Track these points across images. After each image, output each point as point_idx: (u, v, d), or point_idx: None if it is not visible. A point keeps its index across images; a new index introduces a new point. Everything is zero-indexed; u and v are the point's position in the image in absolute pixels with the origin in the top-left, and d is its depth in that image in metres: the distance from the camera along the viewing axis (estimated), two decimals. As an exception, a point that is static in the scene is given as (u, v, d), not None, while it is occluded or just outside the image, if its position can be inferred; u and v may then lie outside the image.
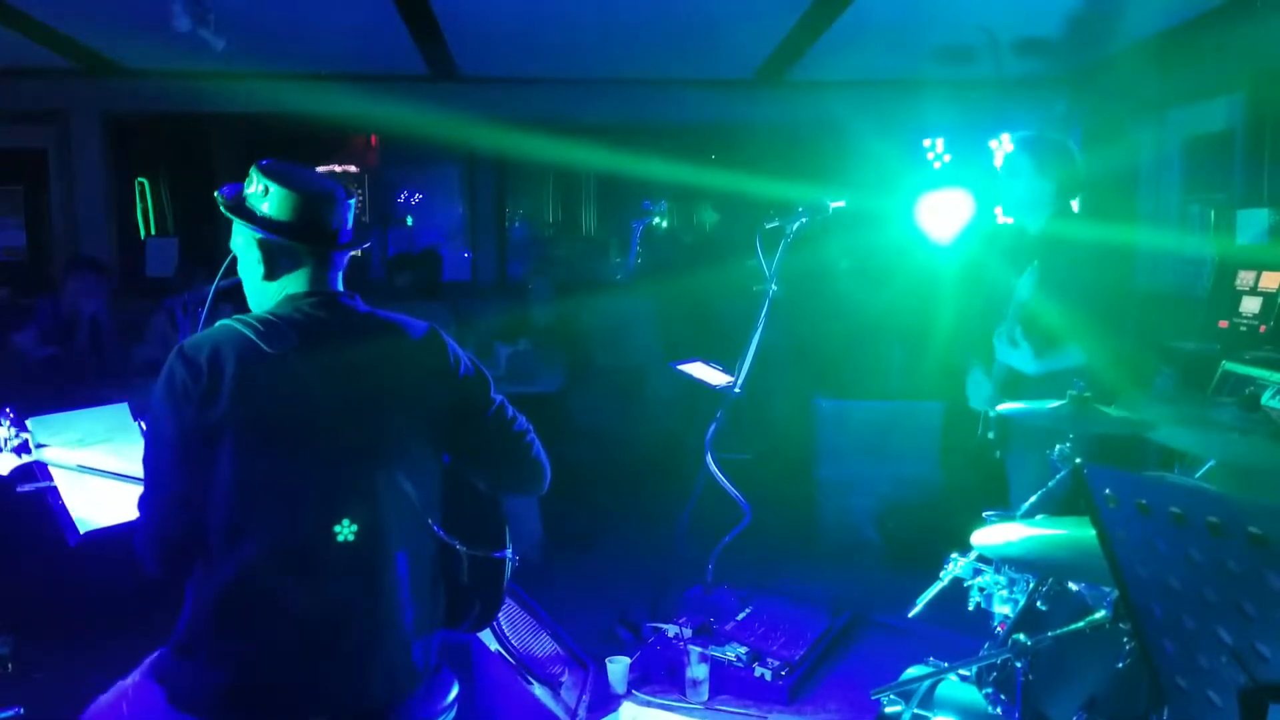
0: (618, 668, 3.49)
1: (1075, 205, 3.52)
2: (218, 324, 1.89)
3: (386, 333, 2.01)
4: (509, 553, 2.17)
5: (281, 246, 1.95)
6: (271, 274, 1.97)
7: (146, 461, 1.87)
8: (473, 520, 2.13)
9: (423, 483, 1.99)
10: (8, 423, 2.17)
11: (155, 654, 1.98)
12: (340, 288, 2.02)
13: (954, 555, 2.57)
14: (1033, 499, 2.64)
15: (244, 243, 1.99)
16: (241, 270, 2.02)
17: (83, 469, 2.22)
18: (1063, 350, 3.26)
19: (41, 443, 2.22)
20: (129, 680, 1.97)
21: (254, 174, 1.96)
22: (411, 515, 1.96)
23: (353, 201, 2.02)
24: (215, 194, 2.01)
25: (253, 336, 1.84)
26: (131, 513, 2.00)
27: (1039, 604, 2.36)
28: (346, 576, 1.87)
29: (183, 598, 1.89)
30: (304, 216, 1.93)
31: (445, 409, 2.03)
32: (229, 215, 1.98)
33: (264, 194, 1.94)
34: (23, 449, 2.18)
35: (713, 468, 3.89)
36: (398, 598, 1.92)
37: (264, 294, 2.00)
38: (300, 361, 1.87)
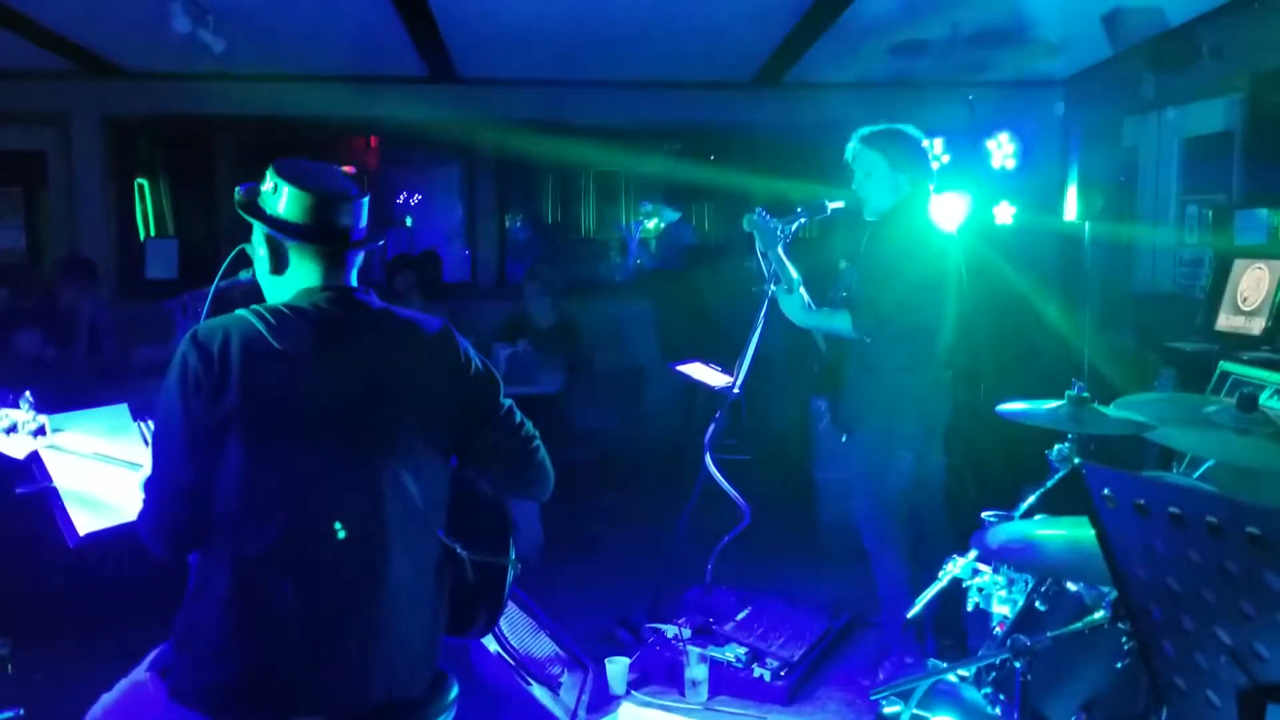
0: (617, 668, 3.50)
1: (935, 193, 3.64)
2: (235, 313, 1.90)
3: (400, 330, 2.01)
4: (512, 557, 2.17)
5: (290, 243, 1.97)
6: (279, 268, 2.00)
7: (155, 447, 1.89)
8: (477, 524, 2.13)
9: (428, 484, 1.99)
10: (27, 405, 2.19)
11: (158, 649, 1.99)
12: (354, 283, 2.03)
13: (953, 556, 2.57)
14: (1031, 499, 2.64)
15: (256, 238, 2.02)
16: (256, 266, 2.05)
17: (100, 456, 2.24)
18: (834, 315, 3.47)
19: (57, 427, 2.24)
20: (132, 675, 1.98)
21: (269, 172, 1.99)
22: (416, 516, 1.96)
23: (366, 200, 2.04)
24: (235, 189, 2.04)
25: (262, 329, 1.85)
26: (132, 514, 2.01)
27: (1038, 604, 2.36)
28: (348, 575, 1.87)
29: (184, 594, 1.90)
30: (315, 216, 1.96)
31: (457, 408, 2.03)
32: (241, 213, 2.01)
33: (275, 192, 1.97)
34: (40, 433, 2.20)
35: (712, 469, 3.89)
36: (399, 598, 1.92)
37: (276, 288, 2.02)
38: (310, 357, 1.88)
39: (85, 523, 2.19)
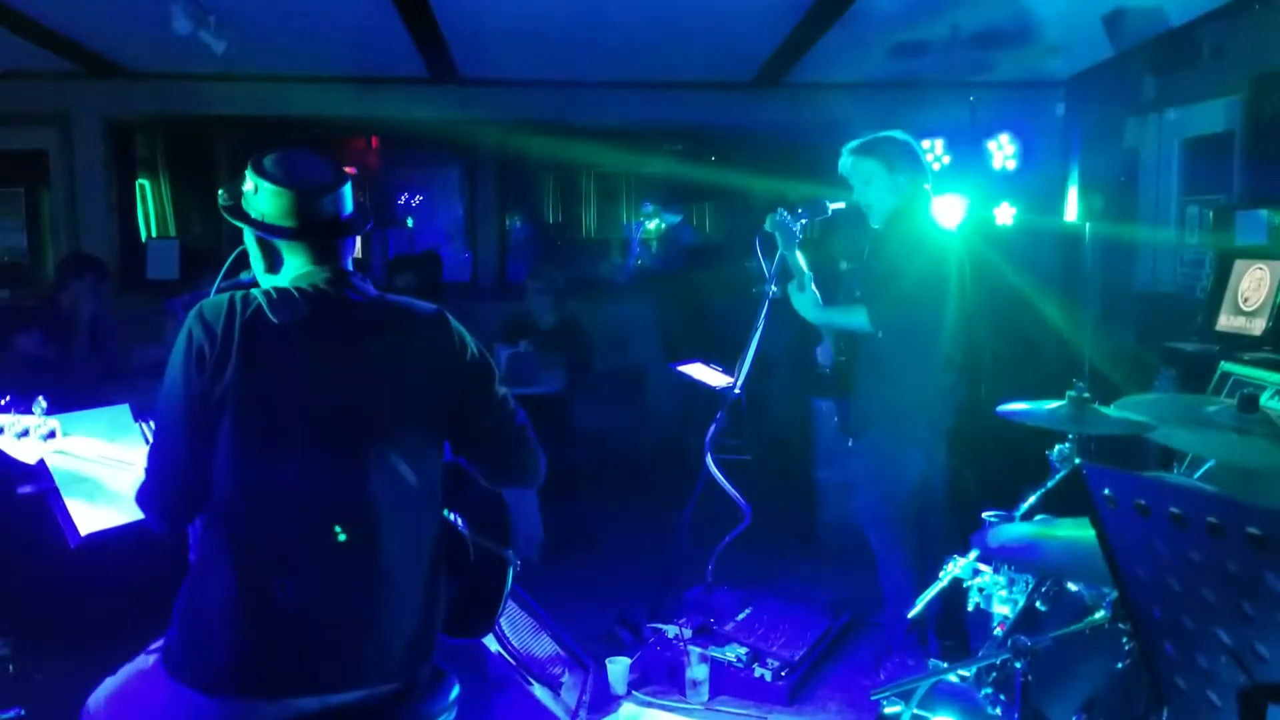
0: (617, 668, 3.50)
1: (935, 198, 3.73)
2: (239, 291, 1.91)
3: (394, 315, 2.02)
4: (511, 554, 2.17)
5: (280, 241, 1.97)
6: (273, 267, 2.01)
7: (157, 421, 1.91)
8: (479, 516, 2.14)
9: (421, 470, 1.98)
10: (40, 410, 2.20)
11: (161, 637, 2.00)
12: (350, 268, 2.03)
13: (953, 556, 2.58)
14: (1032, 499, 2.64)
15: (247, 239, 2.03)
16: (252, 264, 2.06)
17: (106, 460, 2.24)
18: (849, 310, 3.53)
19: (66, 431, 2.25)
20: (135, 661, 2.00)
21: (248, 172, 1.98)
22: (408, 500, 1.96)
23: (347, 187, 2.01)
24: (219, 191, 2.04)
25: (264, 304, 1.87)
26: (133, 515, 2.01)
27: (1038, 604, 2.36)
28: (342, 558, 1.87)
29: (182, 579, 1.91)
30: (299, 212, 1.95)
31: (451, 393, 2.03)
32: (227, 217, 2.00)
33: (256, 192, 1.96)
34: (50, 437, 2.21)
35: (713, 469, 3.89)
36: (394, 581, 1.92)
37: (273, 284, 2.02)
38: (305, 334, 1.89)
39: (86, 522, 2.20)
